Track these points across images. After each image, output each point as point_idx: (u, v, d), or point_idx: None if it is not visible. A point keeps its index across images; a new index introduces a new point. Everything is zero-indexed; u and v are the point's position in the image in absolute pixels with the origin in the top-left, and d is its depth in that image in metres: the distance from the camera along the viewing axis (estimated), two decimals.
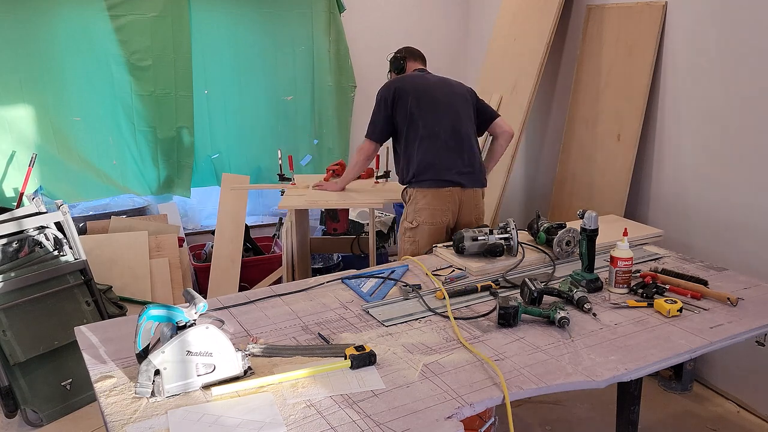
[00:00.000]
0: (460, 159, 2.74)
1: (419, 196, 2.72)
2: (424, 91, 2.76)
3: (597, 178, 3.38)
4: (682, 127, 2.96)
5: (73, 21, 3.68)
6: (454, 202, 2.73)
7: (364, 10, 4.31)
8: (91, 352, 1.61)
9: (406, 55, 2.99)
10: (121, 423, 1.31)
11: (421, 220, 2.70)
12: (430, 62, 3.06)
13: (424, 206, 2.70)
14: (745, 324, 1.76)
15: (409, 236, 2.74)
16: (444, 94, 2.80)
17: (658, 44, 3.01)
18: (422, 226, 2.70)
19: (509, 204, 4.31)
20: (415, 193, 2.73)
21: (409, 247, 2.72)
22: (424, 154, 2.71)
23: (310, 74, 4.27)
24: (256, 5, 4.05)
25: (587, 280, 1.99)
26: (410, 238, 2.73)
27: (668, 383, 2.93)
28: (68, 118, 3.80)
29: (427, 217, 2.70)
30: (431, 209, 2.70)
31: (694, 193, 2.92)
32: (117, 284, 3.36)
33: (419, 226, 2.70)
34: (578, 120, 3.55)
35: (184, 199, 4.25)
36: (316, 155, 4.43)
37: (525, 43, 3.73)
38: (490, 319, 1.80)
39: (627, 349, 1.63)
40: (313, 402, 1.39)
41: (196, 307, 1.45)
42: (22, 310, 2.69)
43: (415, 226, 2.71)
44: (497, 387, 1.45)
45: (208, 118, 4.14)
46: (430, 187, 2.70)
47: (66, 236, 2.91)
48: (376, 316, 1.82)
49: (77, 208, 3.97)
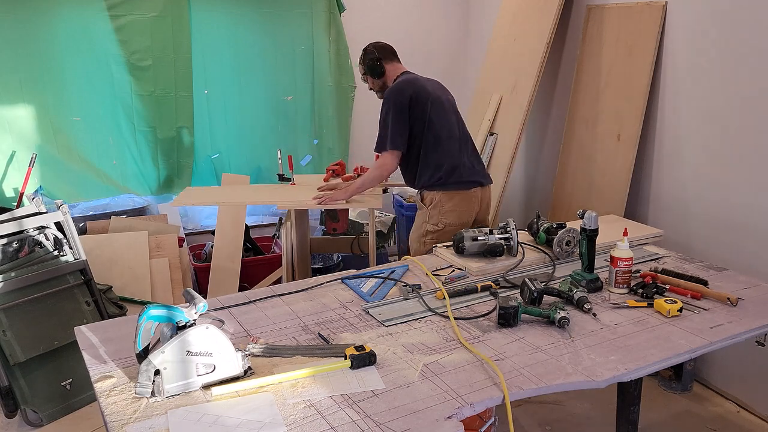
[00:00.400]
0: (475, 158, 2.82)
1: (445, 198, 2.72)
2: (432, 93, 2.77)
3: (597, 178, 3.38)
4: (682, 127, 2.96)
5: (73, 21, 3.69)
6: (478, 201, 2.78)
7: (364, 10, 4.32)
8: (91, 352, 1.61)
9: (381, 56, 2.86)
10: (121, 423, 1.31)
11: (447, 222, 2.70)
12: (431, 62, 3.07)
13: (452, 208, 2.71)
14: (745, 324, 1.76)
15: (432, 239, 2.71)
16: (445, 97, 2.84)
17: (658, 44, 3.01)
18: (448, 228, 2.69)
19: (509, 204, 4.31)
20: (440, 197, 2.72)
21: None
22: (447, 157, 2.71)
23: (310, 74, 4.27)
24: (256, 5, 4.05)
25: (587, 280, 1.99)
26: (433, 241, 2.67)
27: (668, 383, 2.93)
28: (68, 118, 3.80)
29: (455, 219, 2.71)
30: (459, 211, 2.72)
31: (694, 193, 2.92)
32: (117, 284, 3.36)
33: (445, 228, 2.70)
34: (578, 120, 3.55)
35: None
36: (316, 155, 4.44)
37: (525, 43, 3.73)
38: (490, 319, 1.80)
39: (627, 349, 1.63)
40: (313, 402, 1.39)
41: (196, 307, 1.45)
42: (22, 310, 2.69)
43: (441, 228, 2.71)
44: (497, 387, 1.45)
45: (208, 118, 4.15)
46: (457, 190, 2.72)
47: (66, 236, 2.91)
48: (376, 316, 1.82)
49: (77, 208, 3.97)
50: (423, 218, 2.77)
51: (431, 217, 2.74)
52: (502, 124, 3.84)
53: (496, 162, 3.82)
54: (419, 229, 2.78)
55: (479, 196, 2.79)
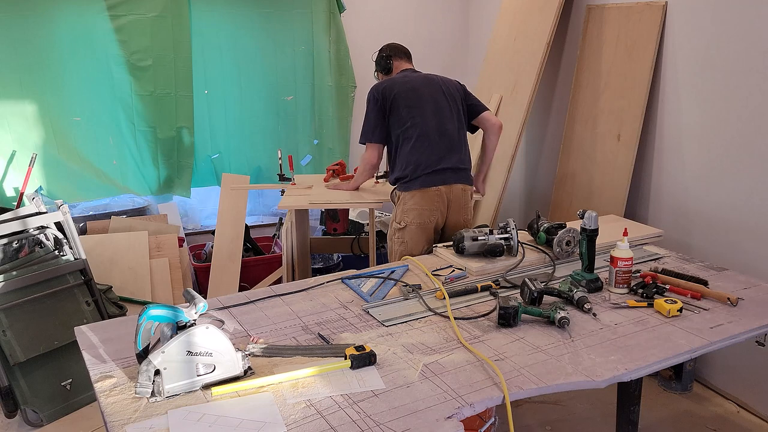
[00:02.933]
0: (448, 157, 2.75)
1: (407, 196, 2.73)
2: (411, 90, 2.78)
3: (597, 178, 3.38)
4: (682, 127, 2.96)
5: (73, 21, 3.69)
6: (442, 201, 2.73)
7: (364, 10, 4.32)
8: (91, 352, 1.61)
9: (391, 53, 2.96)
10: (121, 423, 1.31)
11: (408, 220, 2.71)
12: (431, 62, 3.07)
13: (412, 206, 2.72)
14: (745, 324, 1.76)
15: (398, 237, 2.75)
16: (430, 93, 2.80)
17: (658, 44, 3.01)
18: (410, 227, 2.71)
19: (509, 204, 4.31)
20: (403, 195, 2.76)
21: (398, 248, 2.74)
22: (411, 155, 2.72)
23: (310, 74, 4.27)
24: (256, 5, 4.05)
25: (587, 280, 1.99)
26: (399, 239, 2.74)
27: (668, 383, 2.93)
28: (68, 118, 3.80)
29: (415, 217, 2.71)
30: (419, 209, 2.71)
31: (694, 193, 2.92)
32: (117, 284, 3.36)
33: (407, 227, 2.72)
34: (578, 120, 3.55)
35: (184, 199, 4.25)
36: (316, 155, 4.43)
37: (525, 43, 3.73)
38: (490, 319, 1.80)
39: (627, 349, 1.63)
40: (313, 402, 1.39)
41: (196, 307, 1.46)
42: (22, 310, 2.69)
43: (403, 227, 2.73)
44: (497, 387, 1.45)
45: (208, 118, 4.15)
46: (418, 188, 2.71)
47: (66, 236, 2.92)
48: (376, 316, 1.82)
49: (77, 208, 3.97)
50: (392, 216, 2.83)
51: (396, 215, 2.78)
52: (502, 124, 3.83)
53: (496, 162, 3.82)
54: (390, 228, 2.83)
55: (444, 197, 2.73)
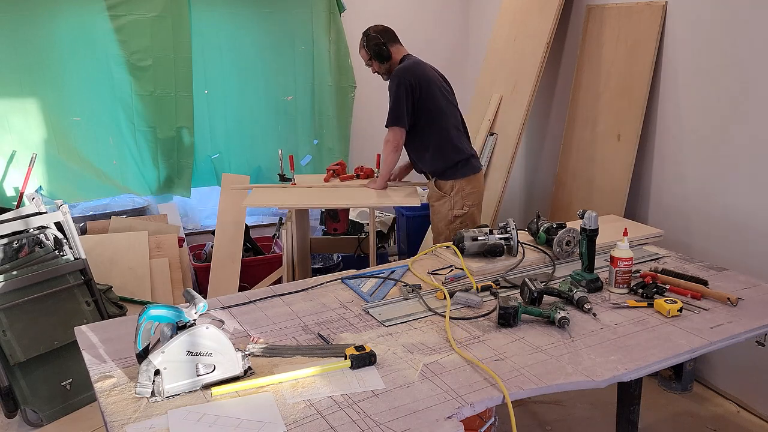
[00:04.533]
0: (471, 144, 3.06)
1: (464, 183, 2.90)
2: (439, 79, 2.92)
3: (597, 178, 3.38)
4: (682, 127, 2.96)
5: (73, 21, 3.69)
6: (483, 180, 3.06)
7: (364, 10, 4.31)
8: (91, 352, 1.61)
9: (385, 40, 3.00)
10: (121, 423, 1.31)
11: (470, 203, 2.90)
12: (431, 62, 3.07)
13: (471, 191, 2.90)
14: (745, 324, 1.76)
15: (460, 222, 2.88)
16: (446, 83, 3.00)
17: (658, 44, 3.01)
18: (472, 209, 2.90)
19: (509, 204, 4.31)
20: (461, 183, 2.90)
21: None
22: (460, 143, 2.92)
23: (310, 74, 4.27)
24: (256, 5, 4.05)
25: (587, 280, 1.99)
26: (462, 225, 2.87)
27: (668, 383, 2.93)
28: (68, 118, 3.80)
29: (476, 200, 2.92)
30: (477, 191, 2.93)
31: (694, 192, 2.92)
32: (117, 284, 3.36)
33: (469, 211, 2.89)
34: (578, 120, 3.55)
35: (184, 199, 4.25)
36: (316, 155, 4.43)
37: (525, 44, 3.73)
38: (490, 319, 1.80)
39: (627, 349, 1.63)
40: (313, 402, 1.39)
41: (196, 307, 1.45)
42: (22, 310, 2.69)
43: (465, 212, 2.88)
44: (497, 387, 1.44)
45: (208, 118, 4.15)
46: (473, 173, 2.93)
47: (66, 236, 2.91)
48: (376, 316, 1.82)
49: (77, 208, 3.97)
50: (448, 206, 2.93)
51: (456, 203, 2.90)
52: (502, 124, 3.84)
53: (496, 162, 3.82)
54: (446, 218, 2.93)
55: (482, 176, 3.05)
